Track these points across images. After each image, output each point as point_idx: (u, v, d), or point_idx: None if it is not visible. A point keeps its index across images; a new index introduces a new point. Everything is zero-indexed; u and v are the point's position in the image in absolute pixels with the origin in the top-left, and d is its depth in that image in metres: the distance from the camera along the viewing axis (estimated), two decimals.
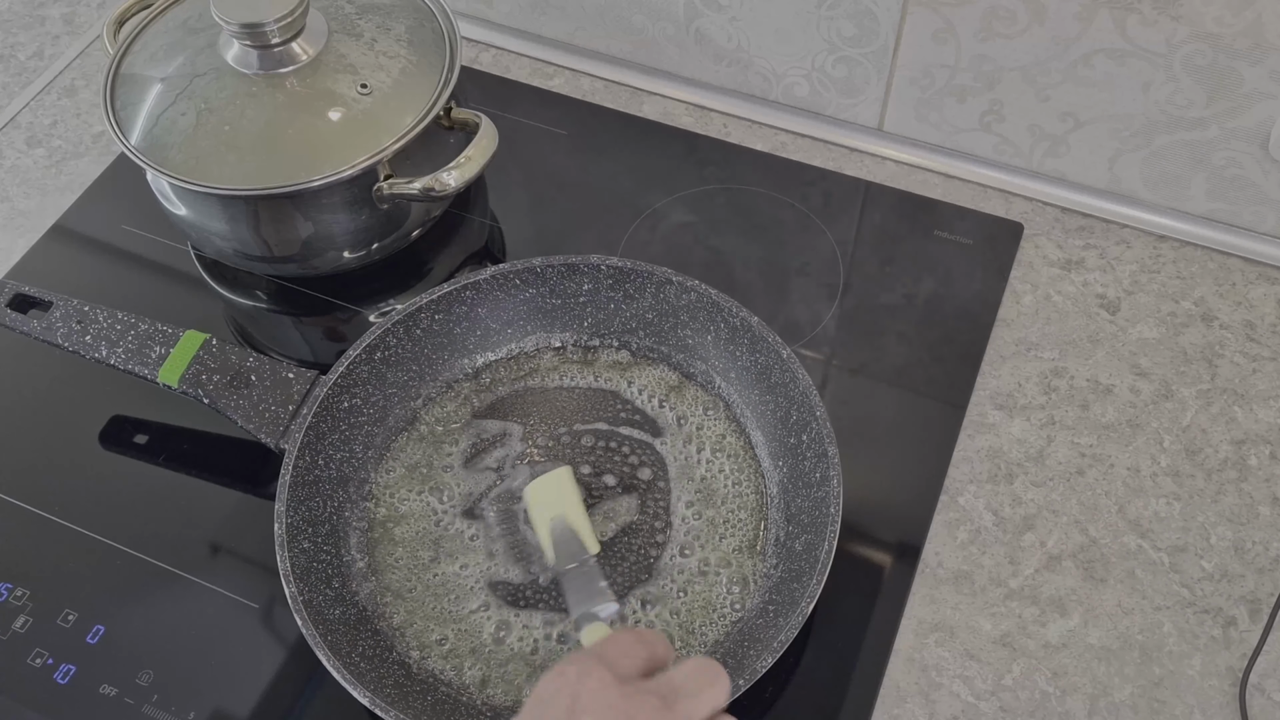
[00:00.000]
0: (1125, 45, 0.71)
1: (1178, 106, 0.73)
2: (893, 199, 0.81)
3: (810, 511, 0.61)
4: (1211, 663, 0.61)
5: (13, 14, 0.95)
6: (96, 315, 0.67)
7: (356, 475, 0.66)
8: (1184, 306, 0.75)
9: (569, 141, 0.85)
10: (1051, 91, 0.75)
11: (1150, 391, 0.71)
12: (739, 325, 0.67)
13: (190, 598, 0.64)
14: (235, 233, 0.71)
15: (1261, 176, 0.74)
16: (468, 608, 0.62)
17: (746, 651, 0.58)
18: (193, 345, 0.66)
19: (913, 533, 0.66)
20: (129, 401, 0.72)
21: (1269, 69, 0.68)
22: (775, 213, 0.80)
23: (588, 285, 0.70)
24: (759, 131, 0.85)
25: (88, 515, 0.67)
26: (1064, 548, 0.65)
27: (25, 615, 0.63)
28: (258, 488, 0.68)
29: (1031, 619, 0.63)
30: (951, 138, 0.82)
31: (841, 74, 0.81)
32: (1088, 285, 0.76)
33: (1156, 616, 0.63)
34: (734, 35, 0.83)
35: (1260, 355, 0.72)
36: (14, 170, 0.85)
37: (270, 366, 0.66)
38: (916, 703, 0.60)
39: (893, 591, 0.64)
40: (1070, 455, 0.68)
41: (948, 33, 0.75)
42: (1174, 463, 0.68)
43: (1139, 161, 0.77)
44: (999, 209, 0.80)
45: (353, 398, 0.66)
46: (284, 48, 0.70)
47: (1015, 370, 0.72)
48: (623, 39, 0.87)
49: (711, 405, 0.69)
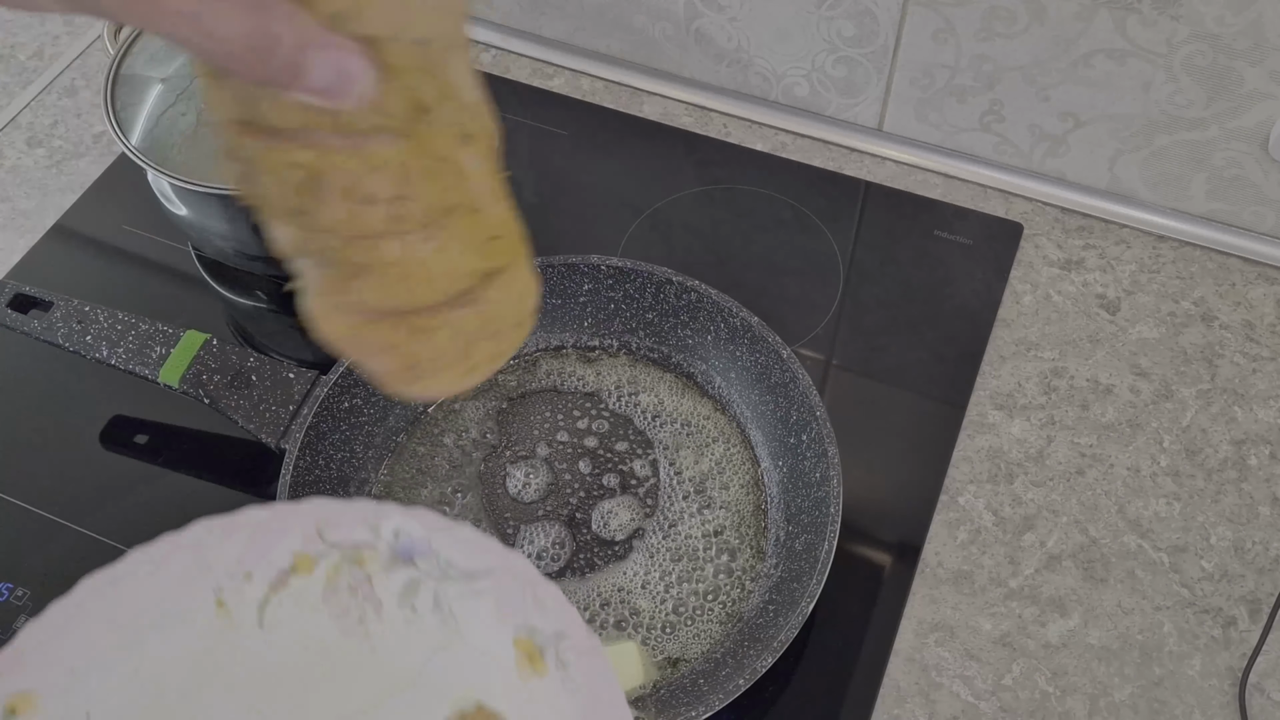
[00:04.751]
0: (1125, 45, 0.71)
1: (1178, 106, 0.73)
2: (893, 199, 0.81)
3: (810, 511, 0.61)
4: (1211, 663, 0.61)
5: (13, 14, 0.95)
6: (97, 315, 0.67)
7: (357, 475, 0.66)
8: (1184, 306, 0.75)
9: (569, 141, 0.85)
10: (1051, 91, 0.75)
11: (1150, 391, 0.71)
12: (739, 325, 0.67)
13: None
14: (235, 233, 0.71)
15: (1261, 177, 0.74)
16: None
17: (746, 651, 0.58)
18: (193, 345, 0.66)
19: (913, 532, 0.66)
20: (129, 401, 0.72)
21: (1269, 69, 0.68)
22: (775, 213, 0.80)
23: (588, 285, 0.70)
24: (759, 131, 0.85)
25: (88, 515, 0.67)
26: (1064, 548, 0.65)
27: (25, 615, 0.63)
28: (258, 488, 0.68)
29: (1031, 619, 0.63)
30: (951, 138, 0.82)
31: (841, 74, 0.81)
32: (1088, 285, 0.76)
33: (1156, 616, 0.63)
34: (734, 35, 0.83)
35: (1260, 355, 0.72)
36: (14, 170, 0.85)
37: (271, 366, 0.66)
38: (916, 703, 0.60)
39: (893, 591, 0.64)
40: (1070, 455, 0.69)
41: (948, 32, 0.75)
42: (1174, 463, 0.68)
43: (1139, 161, 0.77)
44: (999, 209, 0.80)
45: (353, 398, 0.66)
46: None
47: (1015, 370, 0.72)
48: (623, 39, 0.87)
49: (711, 405, 0.69)
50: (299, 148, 0.30)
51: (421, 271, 0.34)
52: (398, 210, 0.32)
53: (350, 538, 0.40)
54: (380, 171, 0.31)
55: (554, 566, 0.63)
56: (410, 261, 0.34)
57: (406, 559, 0.40)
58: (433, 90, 0.31)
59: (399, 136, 0.31)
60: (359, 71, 0.28)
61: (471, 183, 0.34)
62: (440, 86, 0.31)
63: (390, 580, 0.40)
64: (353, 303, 0.35)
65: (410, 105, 0.31)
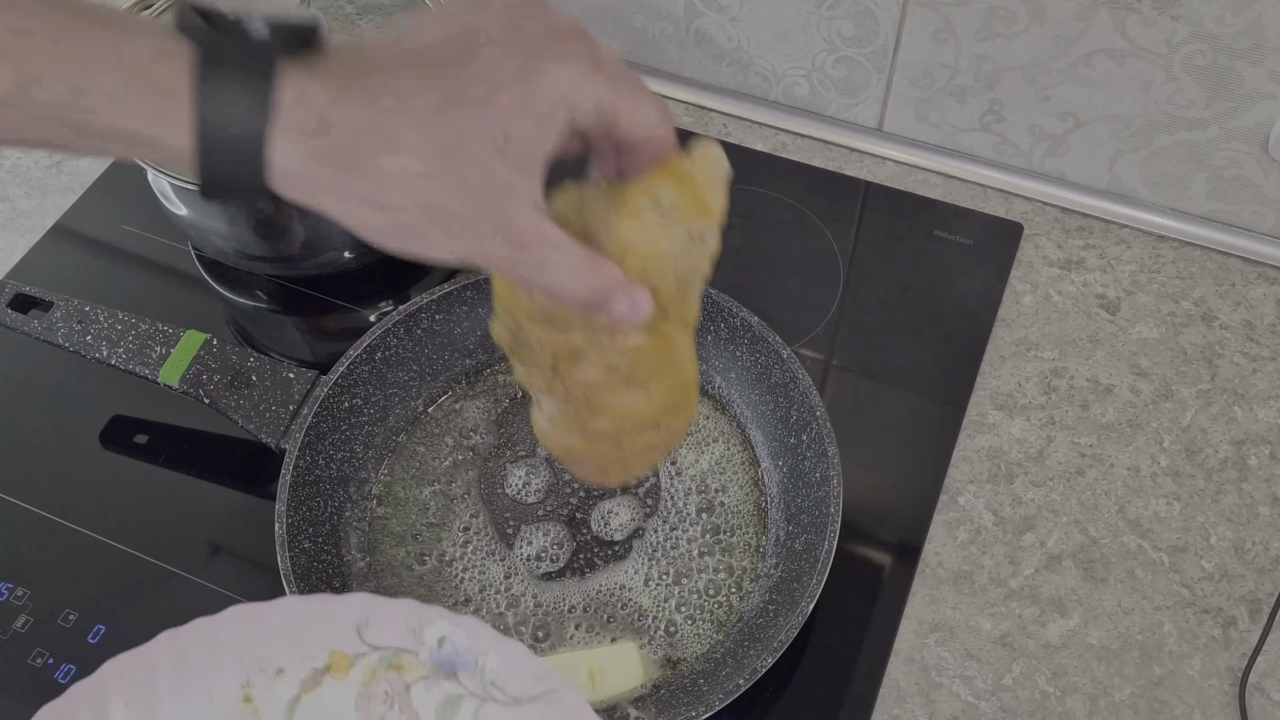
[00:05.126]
0: (1125, 45, 0.71)
1: (1178, 106, 0.73)
2: (893, 199, 0.81)
3: (810, 511, 0.61)
4: (1211, 663, 0.61)
5: None
6: (97, 315, 0.67)
7: (357, 475, 0.66)
8: (1184, 306, 0.75)
9: None
10: (1051, 91, 0.75)
11: (1150, 391, 0.71)
12: (739, 325, 0.67)
13: (190, 598, 0.64)
14: (235, 233, 0.71)
15: (1261, 176, 0.74)
16: (469, 608, 0.62)
17: (746, 651, 0.58)
18: (193, 345, 0.66)
19: (913, 533, 0.66)
20: (129, 401, 0.72)
21: (1269, 69, 0.68)
22: (775, 213, 0.80)
23: None
24: (759, 131, 0.85)
25: (88, 515, 0.67)
26: (1064, 548, 0.65)
27: (25, 615, 0.63)
28: (258, 488, 0.68)
29: (1031, 619, 0.63)
30: (951, 138, 0.82)
31: (841, 74, 0.81)
32: (1088, 285, 0.76)
33: (1156, 616, 0.63)
34: (734, 35, 0.83)
35: (1260, 355, 0.72)
36: (14, 170, 0.85)
37: (271, 366, 0.66)
38: (916, 703, 0.60)
39: (893, 591, 0.64)
40: (1070, 455, 0.68)
41: (948, 32, 0.75)
42: (1174, 463, 0.68)
43: (1139, 161, 0.77)
44: (999, 209, 0.80)
45: (353, 398, 0.66)
46: None
47: (1015, 370, 0.72)
48: (622, 39, 0.87)
49: (711, 405, 0.69)
50: (575, 336, 0.44)
51: (634, 413, 0.48)
52: (630, 375, 0.46)
53: (391, 641, 0.39)
54: (626, 351, 0.45)
55: (554, 566, 0.63)
56: (629, 406, 0.48)
57: (449, 671, 0.38)
58: (678, 304, 0.45)
59: (645, 331, 0.45)
60: (645, 305, 0.41)
61: (680, 353, 0.48)
62: (684, 301, 0.46)
63: (430, 693, 0.38)
64: (577, 430, 0.49)
65: (661, 313, 0.44)
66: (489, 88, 0.35)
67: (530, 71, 0.36)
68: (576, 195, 0.43)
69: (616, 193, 0.42)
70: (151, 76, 0.33)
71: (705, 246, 0.44)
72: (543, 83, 0.36)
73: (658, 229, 0.42)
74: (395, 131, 0.35)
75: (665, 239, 0.42)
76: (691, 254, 0.43)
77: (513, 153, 0.36)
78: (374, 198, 0.36)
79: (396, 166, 0.35)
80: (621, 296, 0.40)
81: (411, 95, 0.35)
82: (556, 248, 0.38)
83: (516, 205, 0.37)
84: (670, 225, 0.42)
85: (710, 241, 0.44)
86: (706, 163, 0.43)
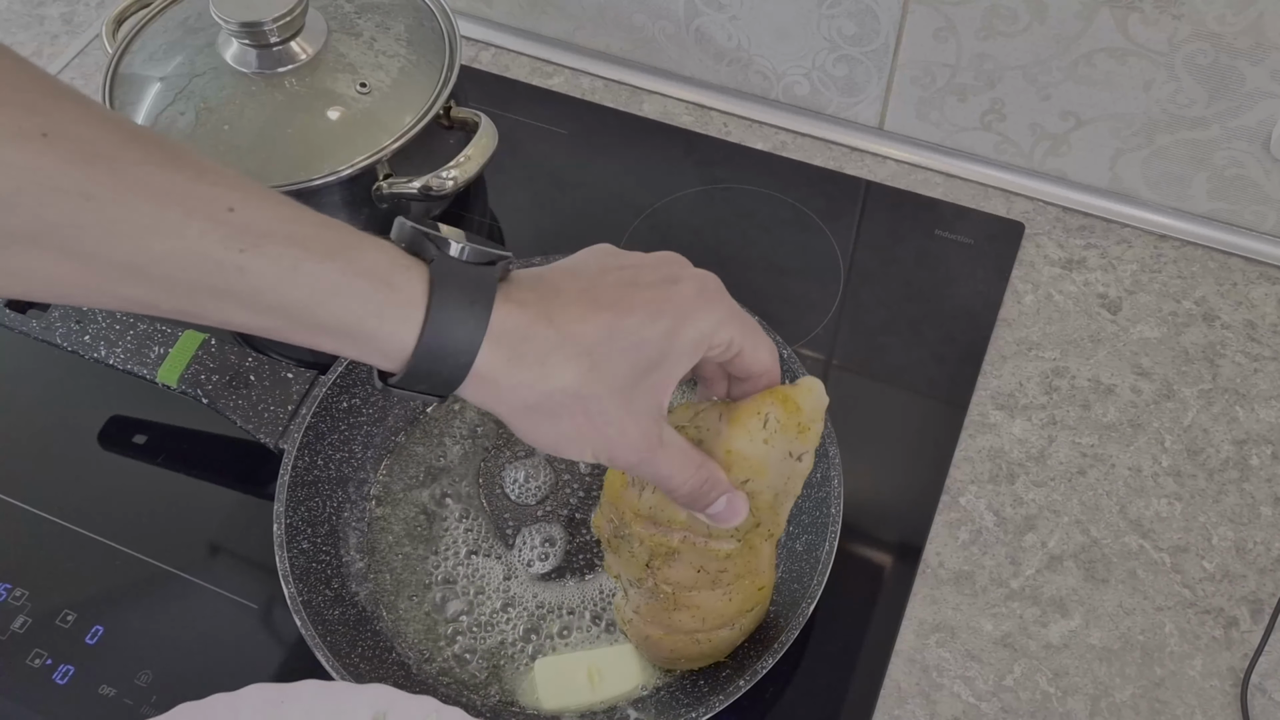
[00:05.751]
0: (1126, 44, 0.71)
1: (1179, 106, 0.73)
2: (893, 198, 0.81)
3: (811, 512, 0.61)
4: (1213, 663, 0.61)
5: (12, 13, 0.95)
6: (95, 315, 0.67)
7: (356, 475, 0.66)
8: (1185, 306, 0.75)
9: (569, 140, 0.85)
10: (1053, 90, 0.75)
11: (1151, 391, 0.71)
12: None
13: (190, 598, 0.64)
14: None
15: (1263, 176, 0.74)
16: (469, 609, 0.62)
17: (747, 651, 0.58)
18: (191, 345, 0.66)
19: (914, 533, 0.65)
20: (128, 401, 0.72)
21: (1270, 68, 0.68)
22: (776, 212, 0.80)
23: None
24: (759, 130, 0.85)
25: (88, 515, 0.67)
26: (1065, 548, 0.65)
27: (25, 615, 0.63)
28: (257, 488, 0.68)
29: (1033, 619, 0.63)
30: (952, 137, 0.82)
31: (842, 73, 0.81)
32: (1089, 285, 0.76)
33: (1158, 617, 0.63)
34: (734, 34, 0.82)
35: (1261, 355, 0.72)
36: None
37: (269, 366, 0.66)
38: (917, 703, 0.60)
39: (893, 592, 0.63)
40: (1071, 455, 0.68)
41: (948, 31, 0.75)
42: (1175, 463, 0.68)
43: (1140, 161, 0.77)
44: (1000, 208, 0.80)
45: (352, 398, 0.66)
46: (283, 47, 0.70)
47: (1016, 370, 0.72)
48: (622, 38, 0.87)
49: None
50: (674, 537, 0.50)
51: (715, 611, 0.53)
52: (716, 578, 0.51)
53: None
54: (717, 556, 0.50)
55: (553, 567, 0.63)
56: (711, 606, 0.53)
57: None
58: (770, 517, 0.50)
59: (737, 539, 0.50)
60: (743, 510, 0.47)
61: (764, 562, 0.53)
62: (774, 516, 0.50)
63: None
64: (660, 623, 0.54)
65: (753, 523, 0.50)
66: (650, 324, 0.43)
67: (682, 315, 0.43)
68: (692, 408, 0.49)
69: (729, 409, 0.47)
70: (393, 284, 0.40)
71: (801, 466, 0.49)
72: (690, 325, 0.43)
73: (763, 443, 0.47)
74: (571, 356, 0.42)
75: (768, 452, 0.47)
76: (788, 471, 0.49)
77: (660, 376, 0.43)
78: (542, 406, 0.42)
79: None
80: (723, 498, 0.47)
81: (584, 325, 0.42)
82: (678, 449, 0.45)
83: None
84: (774, 441, 0.47)
85: (805, 463, 0.49)
86: (810, 394, 0.48)
